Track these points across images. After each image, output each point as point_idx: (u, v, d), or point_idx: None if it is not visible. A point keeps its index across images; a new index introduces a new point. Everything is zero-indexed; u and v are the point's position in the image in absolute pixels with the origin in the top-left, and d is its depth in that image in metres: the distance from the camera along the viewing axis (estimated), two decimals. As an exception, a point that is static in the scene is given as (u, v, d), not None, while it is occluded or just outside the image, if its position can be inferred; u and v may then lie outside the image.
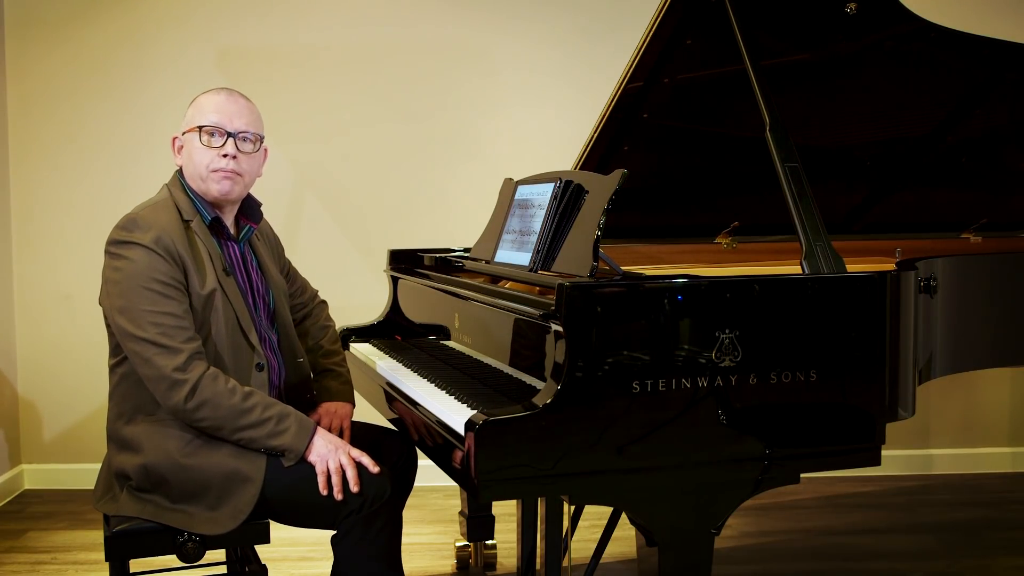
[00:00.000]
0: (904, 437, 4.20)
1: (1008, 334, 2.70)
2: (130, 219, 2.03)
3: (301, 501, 2.01)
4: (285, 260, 2.48)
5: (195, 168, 2.12)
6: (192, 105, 2.17)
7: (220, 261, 2.11)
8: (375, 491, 2.03)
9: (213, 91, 2.17)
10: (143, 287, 1.96)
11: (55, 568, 3.13)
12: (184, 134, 2.15)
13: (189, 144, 2.13)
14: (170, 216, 2.07)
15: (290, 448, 2.00)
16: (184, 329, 1.98)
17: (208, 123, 2.11)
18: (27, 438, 4.00)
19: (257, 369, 2.12)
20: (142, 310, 1.96)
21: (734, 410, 1.86)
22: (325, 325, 2.52)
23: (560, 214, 2.20)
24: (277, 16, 3.94)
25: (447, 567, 3.13)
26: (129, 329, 1.97)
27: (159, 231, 2.00)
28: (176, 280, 2.00)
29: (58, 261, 3.94)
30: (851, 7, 2.56)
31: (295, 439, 2.00)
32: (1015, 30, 3.84)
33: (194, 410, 1.95)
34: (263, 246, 2.33)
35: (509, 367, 2.09)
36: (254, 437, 1.99)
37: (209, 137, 2.11)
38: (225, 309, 2.07)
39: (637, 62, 2.56)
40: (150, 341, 1.95)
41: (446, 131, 4.01)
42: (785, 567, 3.15)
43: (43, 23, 3.90)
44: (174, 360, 1.94)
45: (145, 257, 1.98)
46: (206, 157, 2.11)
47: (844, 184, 3.17)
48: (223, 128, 2.12)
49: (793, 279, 1.98)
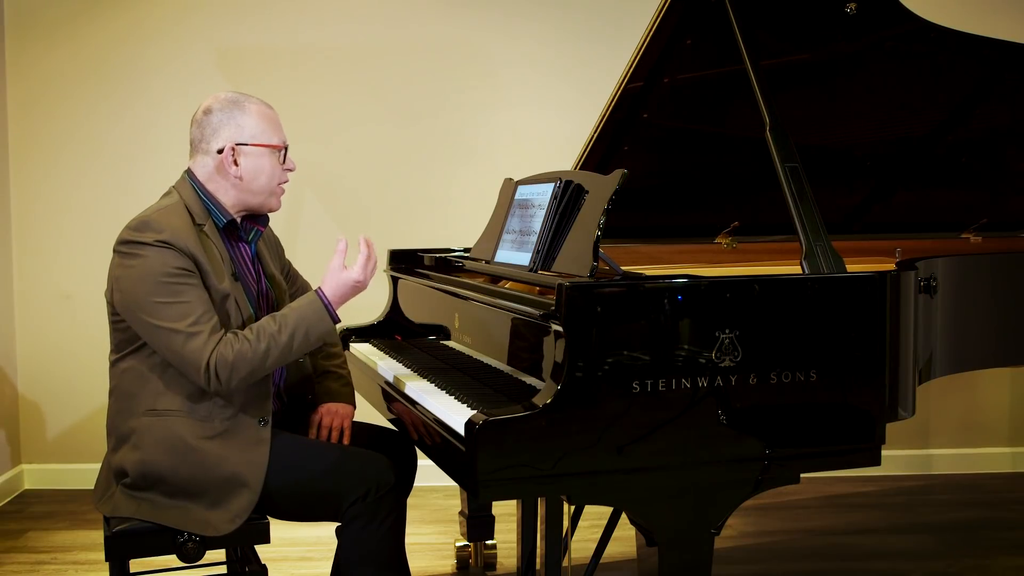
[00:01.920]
0: (904, 437, 4.20)
1: (1008, 334, 2.70)
2: (142, 221, 2.01)
3: (305, 493, 2.02)
4: (286, 261, 2.49)
5: (266, 184, 2.14)
6: (241, 114, 2.12)
7: (230, 265, 2.11)
8: (380, 479, 2.04)
9: (258, 102, 2.17)
10: (158, 281, 1.96)
11: (55, 568, 3.13)
12: (248, 146, 2.11)
13: (258, 159, 2.12)
14: (183, 220, 2.05)
15: (325, 333, 2.06)
16: (206, 313, 1.98)
17: (283, 142, 2.16)
18: (27, 438, 4.00)
19: None
20: (160, 303, 1.95)
21: (734, 410, 1.86)
22: None
23: (560, 214, 2.20)
24: (277, 16, 3.94)
25: (447, 567, 3.13)
26: (151, 321, 1.96)
27: (172, 232, 1.99)
28: (188, 271, 1.99)
29: (58, 261, 3.94)
30: (851, 7, 2.56)
31: (320, 322, 2.04)
32: (1015, 30, 3.84)
33: (229, 380, 1.96)
34: (265, 247, 2.33)
35: (509, 367, 2.09)
36: (293, 354, 2.04)
37: (285, 156, 2.17)
38: (234, 315, 2.07)
39: (637, 62, 2.56)
40: (177, 331, 1.94)
41: (446, 131, 4.01)
42: (785, 567, 3.15)
43: (43, 23, 3.90)
44: (206, 346, 1.94)
45: (156, 254, 1.97)
46: (278, 174, 2.16)
47: (844, 184, 3.17)
48: (286, 143, 2.18)
49: (793, 279, 1.98)
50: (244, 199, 2.14)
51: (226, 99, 2.13)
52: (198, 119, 2.13)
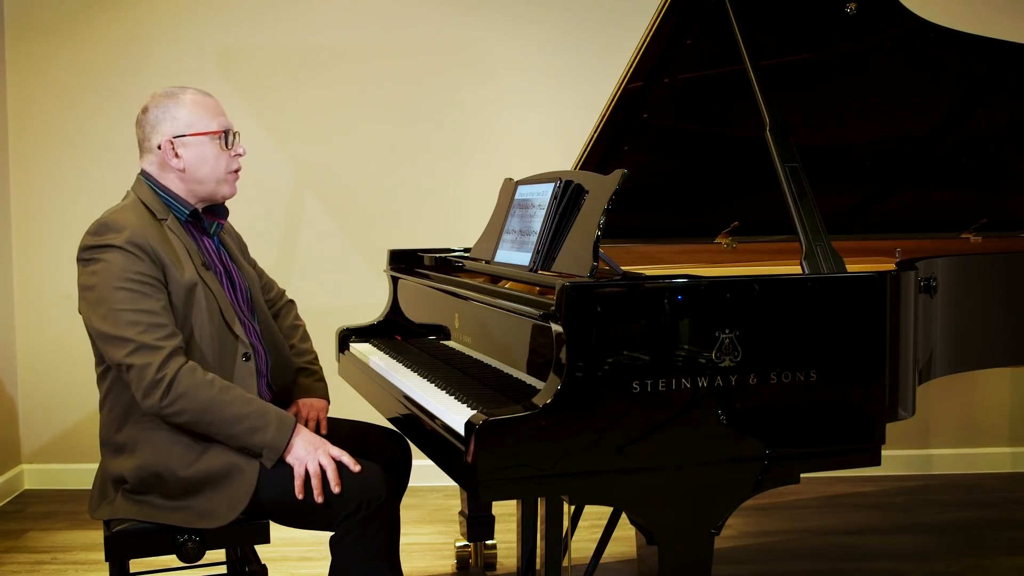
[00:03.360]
0: (904, 437, 4.20)
1: (1008, 334, 2.70)
2: (100, 224, 2.02)
3: (296, 504, 1.99)
4: (251, 258, 2.47)
5: (211, 172, 2.12)
6: (176, 106, 2.12)
7: (198, 256, 2.11)
8: (371, 494, 2.01)
9: (192, 91, 2.15)
10: (118, 287, 1.95)
11: (55, 568, 3.13)
12: (185, 137, 2.11)
13: (198, 148, 2.11)
14: (141, 216, 2.06)
15: (269, 446, 1.96)
16: (162, 327, 1.95)
17: (222, 127, 2.13)
18: (27, 438, 4.00)
19: (244, 359, 2.11)
20: (118, 310, 1.94)
21: (734, 410, 1.86)
22: (295, 324, 2.52)
23: (560, 214, 2.20)
24: (277, 16, 3.94)
25: (447, 567, 3.13)
26: (106, 330, 1.94)
27: (132, 231, 1.99)
28: (153, 277, 1.98)
29: (58, 261, 3.94)
30: (851, 7, 2.56)
31: (275, 435, 1.97)
32: (1015, 30, 3.84)
33: (171, 404, 1.92)
34: (230, 241, 2.33)
35: (509, 367, 2.09)
36: (233, 433, 1.95)
37: (227, 141, 2.13)
38: (208, 301, 2.06)
39: (637, 62, 2.56)
40: (128, 339, 1.92)
41: (446, 131, 4.01)
42: (785, 567, 3.15)
43: (43, 23, 3.90)
44: (153, 358, 1.91)
45: (119, 257, 1.97)
46: (224, 160, 2.13)
47: (844, 184, 3.17)
48: (232, 129, 2.15)
49: (793, 279, 1.98)
50: (193, 189, 2.14)
51: (162, 94, 2.14)
52: (139, 119, 2.15)
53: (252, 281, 2.30)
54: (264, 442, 1.97)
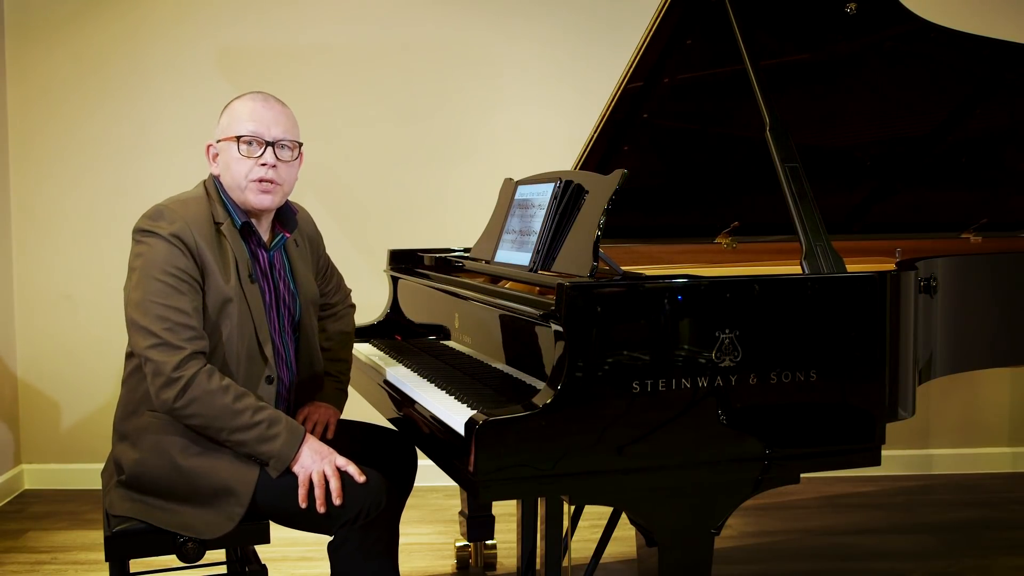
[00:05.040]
0: (904, 437, 4.20)
1: (1008, 334, 2.70)
2: (157, 209, 2.01)
3: (294, 511, 1.98)
4: (324, 257, 2.45)
5: (233, 178, 2.08)
6: (226, 112, 2.12)
7: (247, 267, 2.08)
8: (371, 502, 1.99)
9: (248, 96, 2.13)
10: (155, 277, 1.95)
11: (55, 568, 3.13)
12: (219, 142, 2.11)
13: (225, 153, 2.09)
14: (200, 213, 2.04)
15: (277, 456, 1.96)
16: (189, 327, 1.95)
17: (246, 132, 2.07)
18: (27, 438, 4.00)
19: (267, 382, 2.09)
20: (151, 301, 1.94)
21: (734, 410, 1.86)
22: (344, 331, 2.48)
23: (560, 214, 2.20)
24: (277, 16, 3.94)
25: (447, 567, 3.13)
26: (136, 317, 1.95)
27: (183, 225, 1.98)
28: (189, 276, 1.97)
29: (58, 261, 3.94)
30: (851, 7, 2.56)
31: (284, 446, 1.96)
32: (1015, 30, 3.84)
33: (184, 407, 1.92)
34: (298, 252, 2.27)
35: (509, 367, 2.09)
36: (243, 440, 1.95)
37: (247, 147, 2.07)
38: (242, 317, 2.04)
39: (637, 62, 2.56)
40: (152, 332, 1.92)
41: (446, 131, 4.01)
42: (785, 567, 3.15)
43: (43, 23, 3.90)
44: (173, 357, 1.91)
45: (163, 247, 1.96)
46: (244, 167, 2.07)
47: (844, 184, 3.18)
48: (261, 137, 2.07)
49: (793, 279, 1.98)
50: (237, 197, 2.11)
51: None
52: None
53: (306, 300, 2.24)
54: (272, 452, 1.96)
